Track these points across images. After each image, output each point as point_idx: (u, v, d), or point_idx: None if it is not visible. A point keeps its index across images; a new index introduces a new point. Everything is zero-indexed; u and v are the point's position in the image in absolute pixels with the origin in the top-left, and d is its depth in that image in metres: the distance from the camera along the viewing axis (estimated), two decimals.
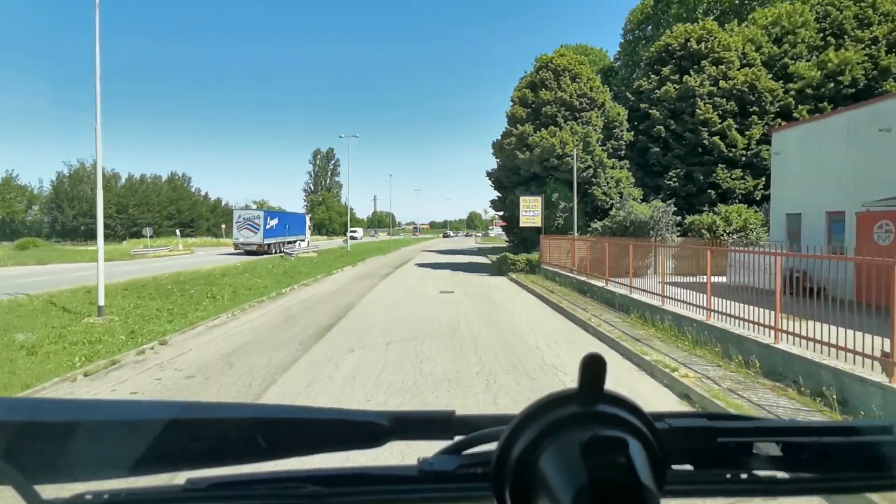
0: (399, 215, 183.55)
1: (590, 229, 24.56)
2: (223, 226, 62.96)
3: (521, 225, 24.81)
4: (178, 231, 48.07)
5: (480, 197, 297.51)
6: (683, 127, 25.78)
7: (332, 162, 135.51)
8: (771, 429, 0.68)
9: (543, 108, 26.68)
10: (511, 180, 27.69)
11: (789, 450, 0.66)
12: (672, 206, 22.77)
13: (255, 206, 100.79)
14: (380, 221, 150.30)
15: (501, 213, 29.47)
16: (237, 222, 37.82)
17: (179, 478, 0.61)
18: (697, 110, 25.26)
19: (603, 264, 16.92)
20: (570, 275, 19.76)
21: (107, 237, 65.06)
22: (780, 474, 0.66)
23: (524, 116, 27.24)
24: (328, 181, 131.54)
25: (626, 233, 23.49)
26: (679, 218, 23.13)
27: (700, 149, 25.59)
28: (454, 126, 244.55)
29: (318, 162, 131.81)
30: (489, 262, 35.37)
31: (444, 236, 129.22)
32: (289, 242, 40.94)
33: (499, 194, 31.39)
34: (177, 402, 0.63)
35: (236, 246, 37.40)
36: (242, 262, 32.54)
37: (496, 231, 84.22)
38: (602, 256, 17.08)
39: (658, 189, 25.88)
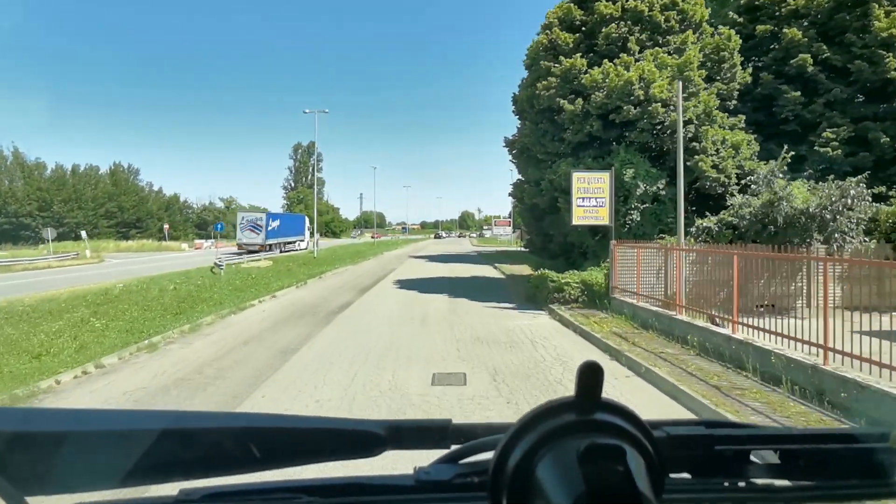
0: (389, 216, 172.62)
1: (692, 228, 14.01)
2: (166, 226, 51.70)
3: (575, 222, 14.21)
4: (84, 233, 36.82)
5: (472, 197, 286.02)
6: (847, 54, 15.21)
7: (314, 157, 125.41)
8: (768, 436, 0.69)
9: (603, 30, 16.05)
10: (547, 149, 16.99)
11: (787, 457, 0.66)
12: (864, 185, 12.30)
13: (222, 204, 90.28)
14: (366, 221, 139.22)
15: (531, 203, 18.66)
16: (241, 224, 39.24)
17: (172, 488, 0.59)
18: (875, 23, 14.71)
19: None
20: (717, 330, 9.16)
21: (25, 239, 53.61)
22: (778, 482, 0.65)
23: (570, 45, 16.58)
24: (310, 178, 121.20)
25: (763, 234, 13.01)
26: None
27: (879, 90, 15.04)
28: (445, 123, 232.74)
29: (298, 157, 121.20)
30: (502, 276, 24.79)
31: (435, 237, 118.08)
32: (288, 243, 42.47)
33: (521, 177, 20.77)
34: (169, 412, 0.63)
35: (240, 246, 38.43)
36: (134, 280, 21.89)
37: (496, 231, 73.44)
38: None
39: (798, 162, 15.31)
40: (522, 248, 50.59)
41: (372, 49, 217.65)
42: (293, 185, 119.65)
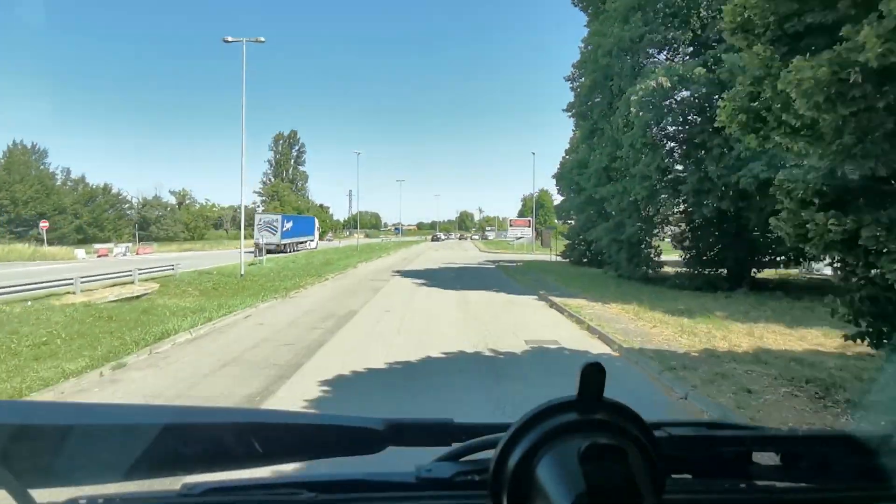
0: (384, 216, 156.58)
1: None
2: (43, 224, 36.74)
3: None
4: None
5: (472, 196, 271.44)
6: None
7: (296, 148, 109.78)
8: (770, 438, 0.69)
9: None
10: None
11: (788, 459, 0.65)
12: None
13: (173, 199, 75.72)
14: (355, 221, 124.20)
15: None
16: (258, 224, 41.12)
17: (175, 482, 0.60)
18: None
19: None
20: None
21: None
22: (779, 484, 0.65)
23: None
24: (291, 171, 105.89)
25: None
26: None
27: None
28: (444, 121, 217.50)
29: (279, 148, 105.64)
30: (611, 351, 10.00)
31: (433, 239, 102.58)
32: (300, 242, 44.16)
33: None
34: (172, 407, 0.62)
35: (257, 245, 37.75)
36: None
37: (513, 233, 58.55)
38: None
39: None
40: (557, 257, 36.04)
41: (369, 43, 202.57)
42: (272, 179, 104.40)
